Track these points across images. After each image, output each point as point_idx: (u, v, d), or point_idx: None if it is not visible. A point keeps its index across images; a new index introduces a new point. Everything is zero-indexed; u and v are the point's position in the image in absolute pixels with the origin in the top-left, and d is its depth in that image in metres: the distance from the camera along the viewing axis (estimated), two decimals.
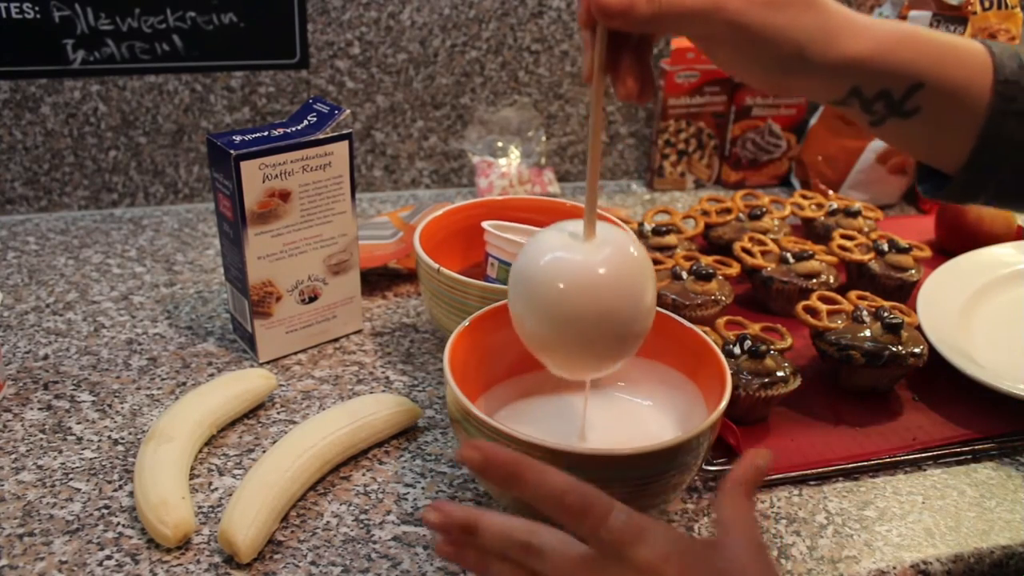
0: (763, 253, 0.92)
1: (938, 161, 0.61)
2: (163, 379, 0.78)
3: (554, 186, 1.17)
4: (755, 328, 0.77)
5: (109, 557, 0.59)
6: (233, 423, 0.73)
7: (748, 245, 0.92)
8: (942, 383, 0.80)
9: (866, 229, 1.00)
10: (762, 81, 0.56)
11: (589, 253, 0.56)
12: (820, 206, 1.04)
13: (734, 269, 0.89)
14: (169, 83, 1.06)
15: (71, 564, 0.59)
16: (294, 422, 0.73)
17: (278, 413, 0.75)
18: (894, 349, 0.76)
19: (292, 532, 0.62)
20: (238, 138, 0.74)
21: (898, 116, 0.58)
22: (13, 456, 0.68)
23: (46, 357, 0.80)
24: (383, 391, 0.78)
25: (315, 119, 0.78)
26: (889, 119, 0.58)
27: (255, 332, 0.79)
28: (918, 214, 1.21)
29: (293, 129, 0.77)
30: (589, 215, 0.56)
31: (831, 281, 0.89)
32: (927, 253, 0.95)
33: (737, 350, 0.74)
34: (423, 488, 0.67)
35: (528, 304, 0.57)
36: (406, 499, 0.66)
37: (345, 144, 0.78)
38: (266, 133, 0.76)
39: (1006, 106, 0.56)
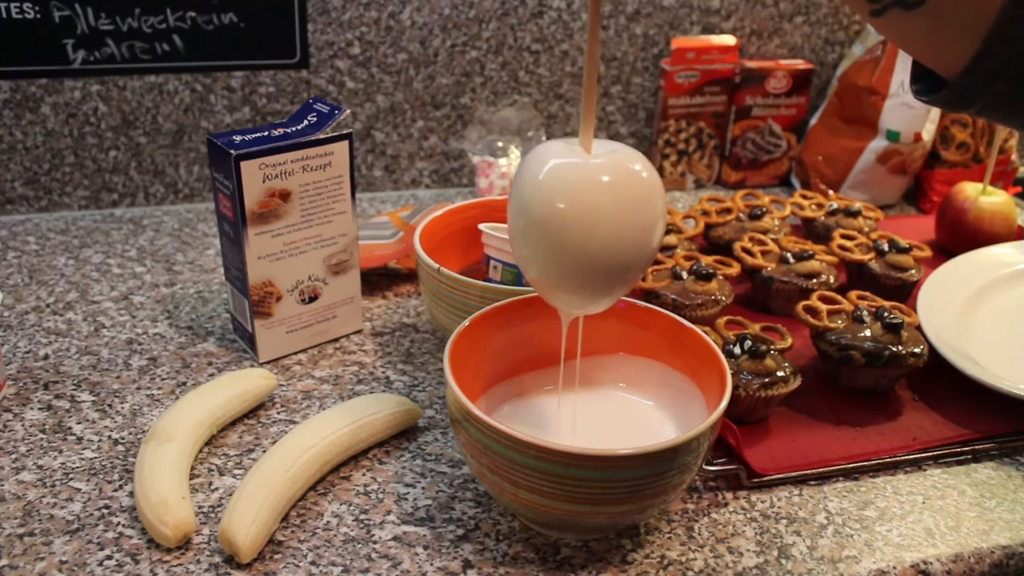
0: (763, 253, 0.92)
1: (937, 62, 0.57)
2: (163, 379, 0.78)
3: None
4: (755, 328, 0.78)
5: (109, 557, 0.59)
6: (233, 423, 0.73)
7: (748, 245, 0.92)
8: (942, 383, 0.80)
9: (866, 229, 1.00)
10: None
11: (590, 159, 0.53)
12: (820, 206, 1.04)
13: (734, 269, 0.89)
14: (169, 83, 1.06)
15: (71, 564, 0.59)
16: (294, 422, 0.73)
17: (278, 413, 0.75)
18: (894, 349, 0.76)
19: (292, 532, 0.62)
20: (238, 138, 0.74)
21: (902, 6, 0.55)
22: (13, 456, 0.68)
23: (46, 357, 0.80)
24: (383, 391, 0.78)
25: (315, 119, 0.78)
26: (892, 8, 0.55)
27: (255, 332, 0.79)
28: (918, 214, 1.21)
29: (293, 129, 0.77)
30: (586, 126, 0.53)
31: (831, 281, 0.89)
32: (927, 253, 0.95)
33: (737, 350, 0.74)
34: (423, 488, 0.67)
35: (530, 227, 0.54)
36: (406, 499, 0.66)
37: (345, 144, 0.78)
38: (266, 133, 0.76)
39: (1017, 10, 0.54)
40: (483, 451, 0.58)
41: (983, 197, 1.04)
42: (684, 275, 0.84)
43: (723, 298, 0.84)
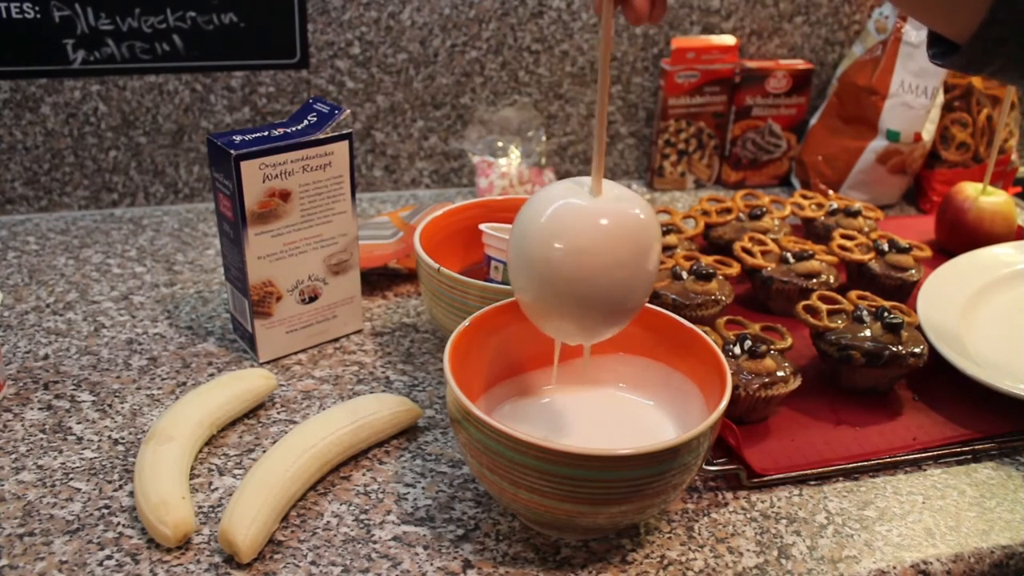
0: (763, 253, 0.92)
1: (948, 30, 0.59)
2: (163, 379, 0.78)
3: None
4: (755, 328, 0.78)
5: (109, 557, 0.59)
6: (233, 423, 0.73)
7: (748, 245, 0.92)
8: (942, 383, 0.80)
9: (866, 229, 1.00)
10: None
11: (595, 202, 0.56)
12: (820, 206, 1.04)
13: (734, 269, 0.89)
14: (169, 83, 1.06)
15: (71, 564, 0.59)
16: (294, 422, 0.73)
17: (278, 413, 0.75)
18: (894, 349, 0.76)
19: (292, 532, 0.62)
20: (238, 138, 0.74)
21: None
22: (13, 456, 0.68)
23: (46, 357, 0.80)
24: (383, 391, 0.78)
25: (315, 119, 0.78)
26: None
27: (255, 332, 0.79)
28: (918, 214, 1.21)
29: (293, 129, 0.77)
30: (596, 169, 0.57)
31: (831, 281, 0.89)
32: (927, 253, 0.95)
33: (737, 350, 0.74)
34: (423, 488, 0.67)
35: (529, 262, 0.57)
36: (406, 499, 0.66)
37: (345, 144, 0.78)
38: (266, 133, 0.76)
39: None
40: (483, 451, 0.58)
41: (983, 197, 1.05)
42: (684, 275, 0.84)
43: (723, 298, 0.84)
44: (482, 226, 0.82)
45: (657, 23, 0.54)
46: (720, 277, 0.86)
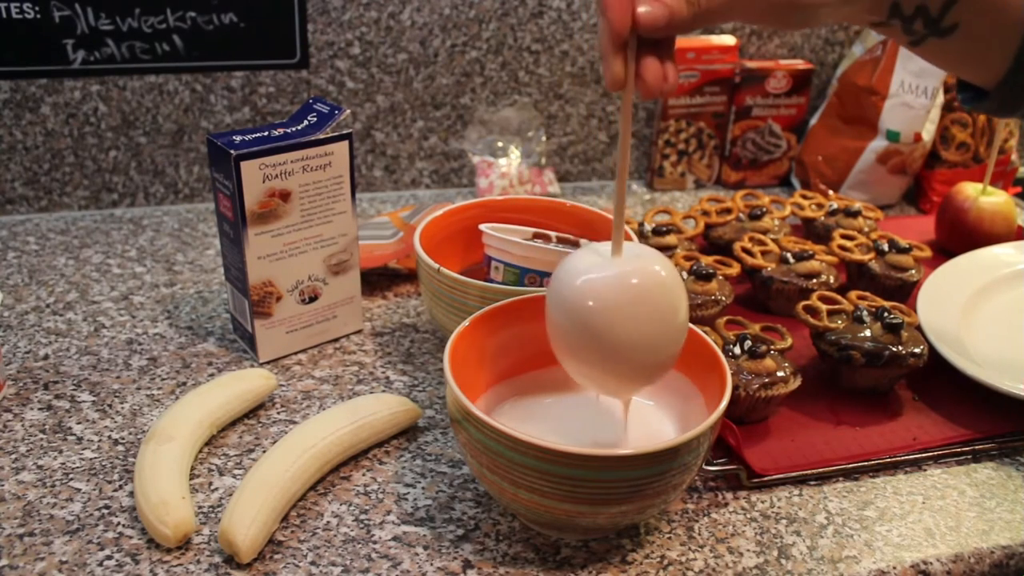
0: (763, 253, 0.92)
1: (975, 78, 0.62)
2: (163, 379, 0.78)
3: (554, 186, 1.17)
4: (755, 328, 0.78)
5: (109, 557, 0.59)
6: (233, 423, 0.73)
7: (748, 245, 0.92)
8: (942, 383, 0.80)
9: (866, 229, 1.00)
10: (804, 23, 0.56)
11: (618, 265, 0.56)
12: (820, 206, 1.04)
13: (734, 269, 0.89)
14: (169, 83, 1.06)
15: (71, 564, 0.59)
16: (294, 422, 0.73)
17: (278, 413, 0.75)
18: (894, 349, 0.76)
19: (292, 532, 0.62)
20: (238, 138, 0.74)
21: (937, 35, 0.58)
22: (13, 456, 0.68)
23: (46, 357, 0.80)
24: (383, 391, 0.78)
25: (315, 119, 0.78)
26: (929, 38, 0.59)
27: (255, 332, 0.79)
28: (918, 214, 1.21)
29: (293, 129, 0.77)
30: (617, 231, 0.57)
31: (831, 281, 0.89)
32: (927, 253, 0.95)
33: (737, 350, 0.74)
34: (423, 488, 0.67)
35: (566, 325, 0.57)
36: (406, 499, 0.66)
37: (345, 144, 0.78)
38: (266, 133, 0.76)
39: None
40: (483, 451, 0.58)
41: (983, 197, 1.05)
42: (684, 275, 0.84)
43: (723, 298, 0.84)
44: (482, 226, 0.82)
45: (667, 97, 0.54)
46: (720, 277, 0.86)
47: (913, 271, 0.92)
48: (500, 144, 1.16)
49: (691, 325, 0.68)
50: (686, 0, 0.51)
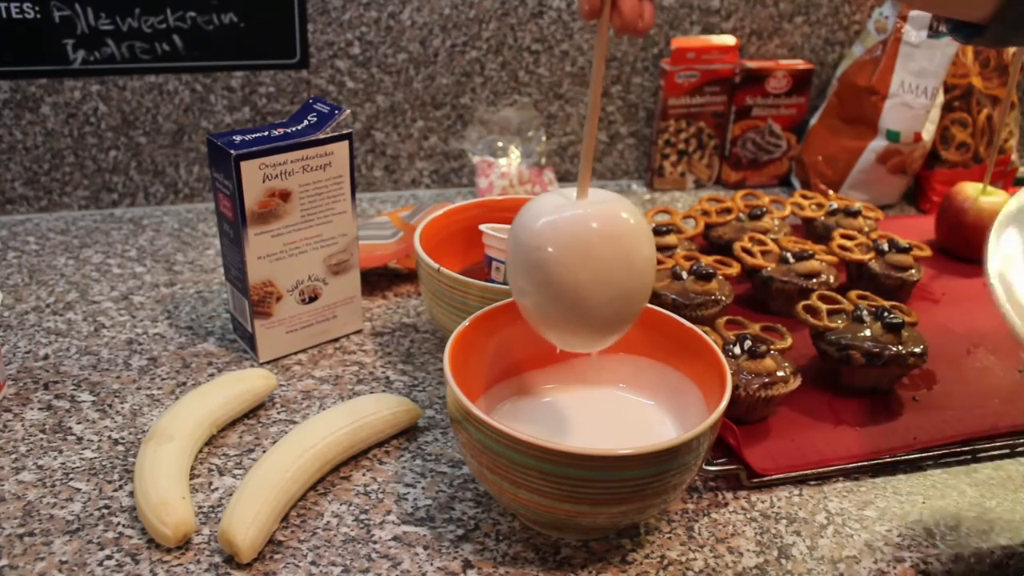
0: (763, 253, 0.92)
1: (968, 17, 0.60)
2: (163, 379, 0.78)
3: (554, 186, 1.17)
4: (755, 328, 0.78)
5: (109, 557, 0.59)
6: (233, 423, 0.73)
7: (748, 245, 0.92)
8: (942, 383, 0.80)
9: (866, 229, 1.00)
10: None
11: (581, 207, 0.56)
12: (820, 206, 1.04)
13: (734, 269, 0.89)
14: (169, 83, 1.06)
15: (71, 564, 0.59)
16: (294, 422, 0.73)
17: (278, 413, 0.75)
18: (894, 349, 0.76)
19: (292, 532, 0.62)
20: (238, 138, 0.74)
21: None
22: (13, 456, 0.68)
23: (46, 357, 0.80)
24: (383, 391, 0.78)
25: (315, 119, 0.78)
26: None
27: (255, 332, 0.79)
28: (918, 214, 1.21)
29: (293, 129, 0.77)
30: (584, 173, 0.56)
31: (831, 281, 0.89)
32: (927, 253, 0.95)
33: (737, 350, 0.74)
34: (423, 488, 0.67)
35: (525, 270, 0.57)
36: (406, 499, 0.66)
37: (345, 144, 0.78)
38: (266, 133, 0.76)
39: None
40: (483, 451, 0.58)
41: (983, 197, 1.04)
42: (684, 275, 0.84)
43: (723, 298, 0.84)
44: (482, 226, 0.82)
45: (642, 36, 0.54)
46: (720, 277, 0.86)
47: (913, 271, 0.92)
48: (500, 144, 1.16)
49: (691, 325, 0.68)
50: None
